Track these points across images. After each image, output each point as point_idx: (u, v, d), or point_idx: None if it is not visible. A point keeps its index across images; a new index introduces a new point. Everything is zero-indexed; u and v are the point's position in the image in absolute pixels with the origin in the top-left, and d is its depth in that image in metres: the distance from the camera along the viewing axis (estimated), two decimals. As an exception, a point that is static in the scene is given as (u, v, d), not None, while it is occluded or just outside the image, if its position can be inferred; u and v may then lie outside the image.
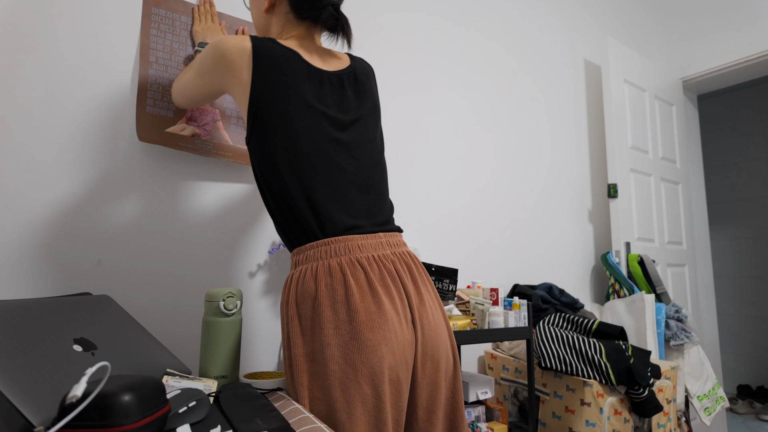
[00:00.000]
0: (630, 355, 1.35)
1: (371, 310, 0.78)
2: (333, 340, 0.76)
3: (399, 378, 0.78)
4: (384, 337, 0.77)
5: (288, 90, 0.85)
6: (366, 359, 0.75)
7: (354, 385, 0.74)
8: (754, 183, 3.82)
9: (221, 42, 0.88)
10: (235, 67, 0.86)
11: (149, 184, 1.11)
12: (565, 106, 2.23)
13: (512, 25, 2.05)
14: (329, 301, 0.78)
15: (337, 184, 0.85)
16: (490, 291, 1.47)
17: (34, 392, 0.57)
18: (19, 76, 0.98)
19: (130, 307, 1.06)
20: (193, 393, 0.67)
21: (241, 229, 1.23)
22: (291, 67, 0.87)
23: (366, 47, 1.55)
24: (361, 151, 0.91)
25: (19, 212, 0.96)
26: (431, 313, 0.86)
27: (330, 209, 0.84)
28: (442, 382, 0.84)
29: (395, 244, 0.89)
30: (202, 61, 0.92)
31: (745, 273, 3.82)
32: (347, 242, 0.83)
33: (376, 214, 0.89)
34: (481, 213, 1.81)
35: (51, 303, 0.77)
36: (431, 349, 0.83)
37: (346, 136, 0.89)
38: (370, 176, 0.91)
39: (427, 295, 0.87)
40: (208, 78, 0.92)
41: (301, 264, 0.84)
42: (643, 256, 2.10)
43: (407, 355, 0.80)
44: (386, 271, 0.83)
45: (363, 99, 0.96)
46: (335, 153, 0.87)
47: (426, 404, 0.82)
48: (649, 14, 2.88)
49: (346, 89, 0.93)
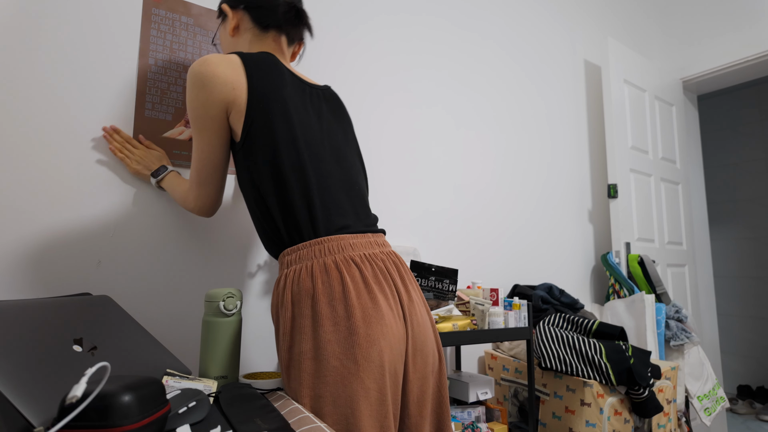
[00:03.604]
0: (630, 356, 1.35)
1: (368, 306, 0.79)
2: (332, 336, 0.77)
3: (396, 371, 0.80)
4: (381, 331, 0.78)
5: (277, 95, 0.87)
6: (366, 353, 0.76)
7: (356, 380, 0.75)
8: (754, 183, 3.82)
9: (202, 65, 0.85)
10: (231, 80, 0.85)
11: (149, 184, 1.11)
12: (565, 107, 2.23)
13: (512, 26, 2.05)
14: (327, 298, 0.79)
15: (327, 186, 0.88)
16: (490, 291, 1.47)
17: (34, 392, 0.57)
18: (18, 77, 0.98)
19: (130, 307, 1.06)
20: (193, 393, 0.67)
21: (241, 230, 1.23)
22: (277, 73, 0.89)
23: (366, 47, 1.55)
24: (346, 159, 0.94)
25: (19, 212, 0.96)
26: (419, 310, 0.88)
27: (322, 209, 0.86)
28: (430, 376, 0.87)
29: (382, 244, 0.92)
30: (193, 107, 0.87)
31: (745, 273, 3.82)
32: (339, 241, 0.84)
33: (363, 216, 0.92)
34: (482, 213, 1.81)
35: (51, 303, 0.77)
36: (421, 345, 0.85)
37: (329, 143, 0.92)
38: (355, 182, 0.94)
39: (414, 293, 0.90)
40: (209, 119, 0.86)
41: (294, 264, 0.84)
42: (643, 256, 2.10)
43: (401, 349, 0.82)
44: (378, 269, 0.85)
45: (338, 114, 1.00)
46: (324, 158, 0.89)
47: (417, 399, 0.84)
48: (649, 14, 2.88)
49: (322, 102, 0.97)
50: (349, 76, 1.50)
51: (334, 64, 1.47)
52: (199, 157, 0.90)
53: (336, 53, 1.48)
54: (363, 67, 1.54)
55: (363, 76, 1.53)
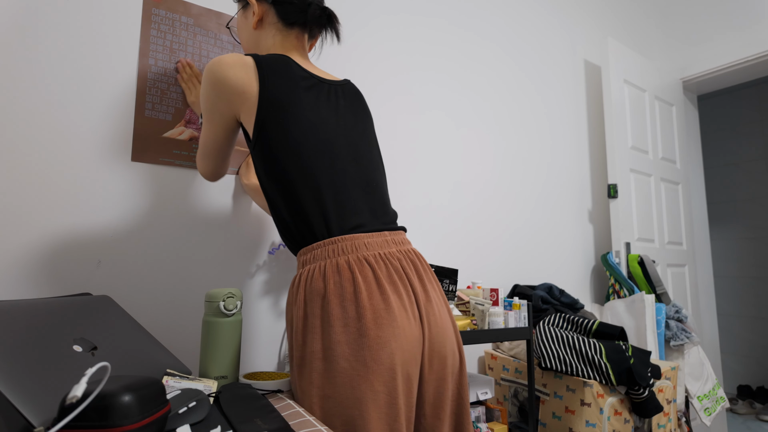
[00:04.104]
0: (630, 356, 1.35)
1: (379, 307, 0.78)
2: (342, 337, 0.76)
3: (409, 374, 0.78)
4: (393, 333, 0.77)
5: (291, 96, 0.86)
6: (376, 356, 0.75)
7: (364, 383, 0.74)
8: (754, 183, 3.82)
9: (216, 65, 0.87)
10: (241, 84, 0.85)
11: (149, 184, 1.11)
12: (565, 107, 2.23)
13: (512, 26, 2.05)
14: (338, 299, 0.78)
15: (342, 185, 0.87)
16: (490, 291, 1.47)
17: (34, 392, 0.57)
18: (18, 77, 0.98)
19: (130, 307, 1.06)
20: (193, 393, 0.67)
21: (240, 230, 1.23)
22: (291, 75, 0.89)
23: (366, 48, 1.55)
24: (363, 156, 0.93)
25: (20, 212, 0.96)
26: (437, 310, 0.86)
27: (336, 209, 0.85)
28: (449, 378, 0.85)
29: (400, 242, 0.90)
30: (204, 99, 0.90)
31: (745, 273, 3.82)
32: (353, 240, 0.83)
33: (380, 214, 0.90)
34: (482, 213, 1.81)
35: (51, 303, 0.77)
36: (438, 346, 0.84)
37: (346, 140, 0.91)
38: (372, 179, 0.92)
39: (433, 292, 0.88)
40: (217, 113, 0.90)
41: (309, 263, 0.84)
42: (643, 256, 2.10)
43: (416, 352, 0.80)
44: (393, 268, 0.84)
45: (357, 110, 0.98)
46: (338, 157, 0.88)
47: (433, 400, 0.83)
48: (649, 15, 2.88)
49: (340, 98, 0.95)
50: (347, 75, 1.50)
51: (339, 67, 1.47)
52: (205, 137, 0.95)
53: (340, 56, 1.48)
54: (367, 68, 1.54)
55: (367, 77, 1.53)
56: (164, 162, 1.13)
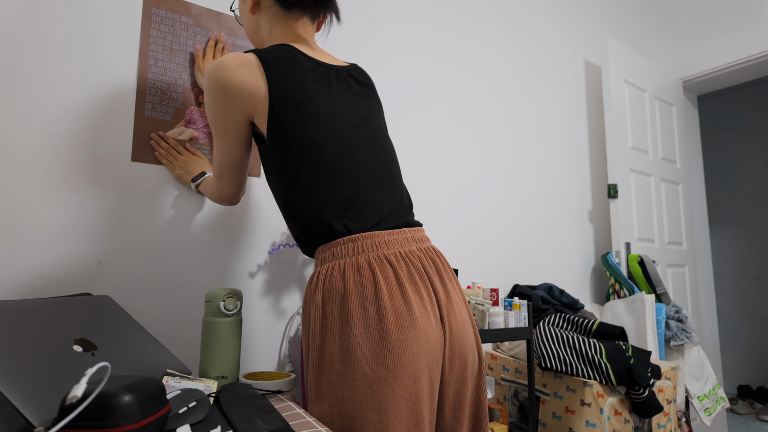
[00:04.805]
0: (630, 356, 1.35)
1: (401, 309, 0.76)
2: (363, 339, 0.74)
3: (431, 377, 0.77)
4: (414, 336, 0.75)
5: (302, 91, 0.84)
6: (398, 359, 0.74)
7: (385, 387, 0.73)
8: (754, 183, 3.82)
9: (218, 70, 0.82)
10: (249, 85, 0.82)
11: (149, 184, 1.11)
12: (565, 107, 2.23)
13: (512, 26, 2.05)
14: (358, 299, 0.76)
15: (361, 182, 0.85)
16: (490, 291, 1.47)
17: (34, 392, 0.57)
18: (17, 77, 0.98)
19: (130, 307, 1.06)
20: (193, 393, 0.67)
21: (241, 230, 1.23)
22: (298, 68, 0.85)
23: (365, 49, 1.55)
24: (379, 146, 0.90)
25: (19, 212, 0.96)
26: (458, 310, 0.84)
27: (355, 205, 0.83)
28: (469, 380, 0.83)
29: (420, 239, 0.88)
30: (213, 112, 0.86)
31: (745, 273, 3.82)
32: (374, 238, 0.82)
33: (398, 209, 0.89)
34: (481, 213, 1.81)
35: (51, 303, 0.77)
36: (459, 347, 0.82)
37: (361, 132, 0.89)
38: (389, 170, 0.90)
39: (453, 292, 0.86)
40: (230, 124, 0.85)
41: (328, 261, 0.83)
42: (643, 256, 2.10)
43: (437, 354, 0.78)
44: (414, 268, 0.82)
45: (368, 96, 0.95)
46: (356, 151, 0.86)
47: (453, 402, 0.81)
48: (649, 15, 2.88)
49: (351, 85, 0.92)
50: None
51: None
52: (219, 157, 0.90)
53: (341, 56, 1.48)
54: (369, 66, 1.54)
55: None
56: (164, 162, 1.13)
